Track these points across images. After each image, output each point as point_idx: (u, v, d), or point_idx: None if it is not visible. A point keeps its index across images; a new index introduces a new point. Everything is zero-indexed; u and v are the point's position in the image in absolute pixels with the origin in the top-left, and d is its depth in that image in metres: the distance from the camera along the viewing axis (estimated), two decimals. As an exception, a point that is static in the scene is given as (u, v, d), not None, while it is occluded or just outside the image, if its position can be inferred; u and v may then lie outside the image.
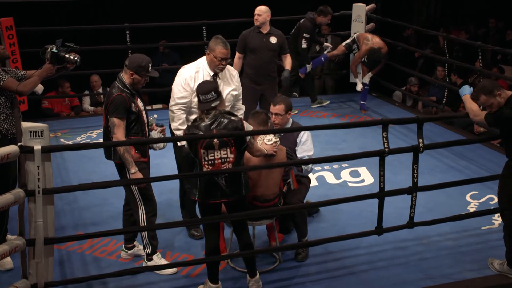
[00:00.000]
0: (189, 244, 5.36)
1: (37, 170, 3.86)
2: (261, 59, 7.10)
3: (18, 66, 7.73)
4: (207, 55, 5.19)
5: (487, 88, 4.56)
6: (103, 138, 4.85)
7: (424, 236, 5.41)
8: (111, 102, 4.63)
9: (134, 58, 4.77)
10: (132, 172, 4.64)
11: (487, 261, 5.01)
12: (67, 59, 4.97)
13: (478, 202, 6.12)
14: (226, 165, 4.37)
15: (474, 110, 4.84)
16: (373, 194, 4.87)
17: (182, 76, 5.17)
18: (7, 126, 4.86)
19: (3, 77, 4.78)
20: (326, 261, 5.11)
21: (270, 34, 7.14)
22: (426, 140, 4.90)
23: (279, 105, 5.14)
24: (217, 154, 4.35)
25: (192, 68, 5.20)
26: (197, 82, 5.05)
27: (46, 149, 3.89)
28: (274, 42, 7.14)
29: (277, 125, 5.14)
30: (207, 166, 4.36)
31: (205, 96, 4.39)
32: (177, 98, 5.14)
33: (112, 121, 4.62)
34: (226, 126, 4.36)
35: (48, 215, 3.99)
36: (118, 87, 4.71)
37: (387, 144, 4.69)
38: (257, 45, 7.10)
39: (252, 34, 7.15)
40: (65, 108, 9.25)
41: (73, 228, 5.61)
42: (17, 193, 3.84)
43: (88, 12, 10.16)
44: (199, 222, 5.11)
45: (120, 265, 5.03)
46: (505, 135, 4.73)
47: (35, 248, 3.97)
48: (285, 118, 5.18)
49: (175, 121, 5.17)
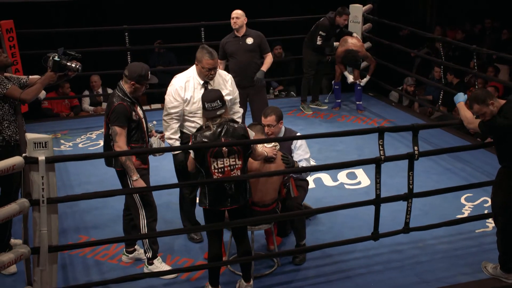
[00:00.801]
0: (188, 247, 5.46)
1: (42, 180, 3.95)
2: (240, 62, 7.19)
3: (19, 68, 7.82)
4: (196, 66, 5.28)
5: (479, 98, 4.66)
6: (104, 146, 4.94)
7: (419, 240, 5.51)
8: (112, 111, 4.72)
9: (133, 68, 4.86)
10: (134, 179, 4.74)
11: (480, 265, 5.12)
12: (68, 67, 5.06)
13: (473, 204, 6.22)
14: (235, 172, 4.48)
15: (468, 118, 4.94)
16: (370, 200, 4.97)
17: (173, 87, 5.28)
18: (10, 132, 4.95)
19: (7, 85, 4.86)
20: (324, 264, 5.21)
21: (246, 35, 7.22)
22: (422, 141, 4.98)
23: (270, 116, 5.26)
24: (226, 161, 4.45)
25: (182, 78, 5.31)
26: (188, 92, 5.22)
27: (50, 160, 3.98)
28: (251, 43, 7.21)
29: (270, 135, 5.27)
30: (217, 174, 4.46)
31: (210, 104, 4.48)
32: (168, 108, 5.27)
33: (114, 130, 4.71)
34: (233, 133, 4.47)
35: (52, 224, 4.09)
36: (118, 95, 4.80)
37: (383, 152, 4.79)
38: (234, 49, 7.20)
39: (229, 39, 7.27)
40: (64, 108, 9.33)
41: (75, 231, 5.71)
42: (22, 203, 3.93)
43: (85, 12, 10.21)
44: (201, 229, 5.18)
45: (121, 269, 5.14)
46: (497, 143, 4.83)
47: (39, 256, 4.06)
48: (277, 127, 5.30)
49: (168, 130, 5.30)
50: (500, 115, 4.67)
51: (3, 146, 4.91)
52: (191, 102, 5.26)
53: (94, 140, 7.98)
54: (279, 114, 5.31)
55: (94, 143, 7.87)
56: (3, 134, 4.92)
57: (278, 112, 5.33)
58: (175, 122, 5.29)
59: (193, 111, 5.27)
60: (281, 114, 5.33)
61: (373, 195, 4.99)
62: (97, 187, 6.51)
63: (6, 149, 4.91)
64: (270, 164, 4.95)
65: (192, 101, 5.25)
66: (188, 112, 5.28)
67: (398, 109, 9.36)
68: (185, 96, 5.23)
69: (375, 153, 4.96)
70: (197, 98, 5.22)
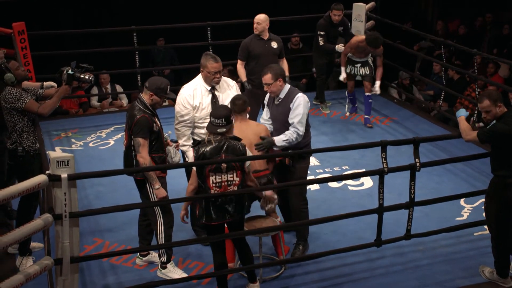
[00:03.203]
0: (200, 251, 5.69)
1: (64, 196, 4.19)
2: (264, 64, 7.34)
3: (30, 69, 8.00)
4: (202, 72, 5.55)
5: (493, 96, 4.87)
6: (125, 157, 5.17)
7: (420, 242, 5.73)
8: (135, 123, 4.95)
9: (154, 80, 5.10)
10: (156, 188, 4.99)
11: (478, 269, 5.37)
12: (82, 79, 5.30)
13: (472, 206, 6.45)
14: (232, 187, 4.70)
15: (466, 130, 5.12)
16: (373, 210, 5.22)
17: (182, 96, 5.54)
18: (29, 143, 5.23)
19: (25, 99, 5.12)
20: (328, 268, 5.45)
21: (271, 39, 7.47)
22: None
23: (266, 74, 5.36)
24: (224, 177, 4.67)
25: (190, 87, 5.58)
26: (196, 99, 5.47)
27: (72, 177, 4.22)
28: (276, 47, 7.47)
29: (271, 93, 5.40)
30: (214, 188, 4.68)
31: (215, 120, 4.69)
32: (179, 116, 5.52)
33: (138, 141, 4.95)
34: (234, 151, 4.67)
35: (74, 236, 4.34)
36: (140, 108, 5.02)
37: (386, 164, 5.02)
38: (260, 51, 7.41)
39: (254, 41, 7.46)
40: (73, 105, 9.54)
41: (90, 234, 5.95)
42: (46, 218, 4.17)
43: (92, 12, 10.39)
44: (206, 240, 5.34)
45: (136, 272, 5.40)
46: (494, 151, 5.02)
47: (62, 267, 4.32)
48: (276, 86, 5.36)
49: (181, 138, 5.56)
50: (500, 121, 4.88)
51: (23, 156, 5.22)
52: (200, 108, 5.50)
53: (104, 139, 8.20)
54: (276, 72, 5.33)
55: (104, 142, 8.09)
56: (23, 144, 5.21)
57: (275, 69, 5.36)
58: (187, 129, 5.53)
59: (203, 116, 5.50)
60: (279, 72, 5.34)
61: (375, 197, 5.25)
62: (109, 189, 6.77)
63: (25, 159, 5.25)
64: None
65: (201, 107, 5.50)
66: (198, 118, 5.52)
67: (400, 106, 9.53)
68: (194, 103, 5.48)
69: (377, 152, 5.19)
70: (205, 104, 5.49)
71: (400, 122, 8.79)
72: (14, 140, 5.23)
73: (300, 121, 5.32)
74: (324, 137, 8.14)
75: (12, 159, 5.34)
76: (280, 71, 5.40)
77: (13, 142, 5.24)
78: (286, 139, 5.28)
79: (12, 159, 5.36)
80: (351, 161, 7.46)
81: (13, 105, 5.14)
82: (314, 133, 6.58)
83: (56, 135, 8.32)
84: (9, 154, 5.38)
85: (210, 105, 5.50)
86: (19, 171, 5.34)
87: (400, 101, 9.90)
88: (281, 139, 5.28)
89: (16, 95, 5.13)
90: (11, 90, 5.16)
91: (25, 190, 4.00)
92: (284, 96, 5.41)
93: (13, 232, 3.98)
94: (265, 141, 5.23)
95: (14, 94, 5.14)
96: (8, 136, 5.36)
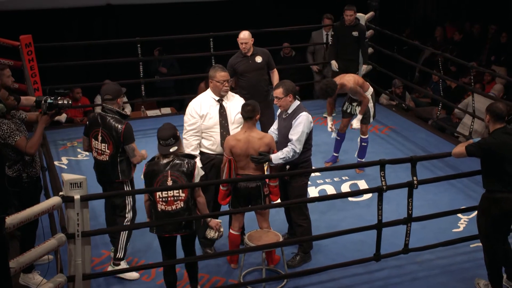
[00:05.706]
0: (206, 262, 5.84)
1: (77, 217, 4.38)
2: (250, 80, 7.48)
3: (37, 80, 8.19)
4: (210, 83, 5.82)
5: (500, 112, 5.03)
6: (109, 166, 5.43)
7: (417, 254, 5.88)
8: (124, 132, 5.34)
9: (109, 89, 5.52)
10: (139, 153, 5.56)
11: (474, 281, 5.56)
12: (60, 105, 5.31)
13: (468, 218, 6.62)
14: (178, 202, 4.89)
15: (457, 146, 5.30)
16: (372, 226, 5.41)
17: (190, 106, 5.83)
18: (32, 168, 5.32)
19: (15, 137, 5.10)
20: (328, 280, 5.63)
21: (255, 54, 7.46)
22: (420, 150, 5.16)
23: (278, 89, 5.62)
24: (170, 192, 4.88)
25: (198, 99, 5.89)
26: (204, 108, 5.75)
27: (84, 198, 4.41)
28: (260, 61, 7.48)
29: (280, 107, 5.67)
30: (161, 202, 4.89)
31: (164, 141, 4.90)
32: (187, 126, 5.78)
33: (132, 147, 5.42)
34: (179, 168, 4.88)
35: (86, 254, 4.53)
36: (116, 118, 5.41)
37: (384, 182, 5.22)
38: (244, 69, 7.44)
39: (238, 59, 7.47)
40: (78, 113, 9.71)
41: (98, 246, 6.11)
42: (60, 238, 4.37)
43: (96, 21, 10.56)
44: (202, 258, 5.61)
45: (143, 284, 5.57)
46: (484, 166, 5.16)
47: (74, 284, 4.52)
48: (285, 101, 5.59)
49: (188, 147, 5.76)
50: (490, 136, 5.08)
51: (28, 182, 5.29)
52: (207, 117, 5.75)
53: (109, 148, 8.37)
54: (287, 88, 5.56)
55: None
56: (27, 171, 5.28)
57: (288, 85, 5.60)
58: (195, 138, 5.78)
59: (210, 126, 5.75)
60: (290, 87, 5.57)
61: (375, 207, 5.45)
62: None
63: (30, 184, 5.34)
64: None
65: (209, 117, 5.75)
66: (205, 127, 5.76)
67: (398, 114, 9.71)
68: (201, 112, 5.74)
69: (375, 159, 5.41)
70: (213, 113, 5.76)
71: (398, 132, 8.98)
72: (17, 169, 5.22)
73: (299, 139, 5.50)
74: (325, 147, 8.28)
75: (17, 186, 5.26)
76: (292, 88, 5.62)
77: (16, 170, 5.23)
78: (283, 157, 5.47)
79: (16, 186, 5.26)
80: (351, 172, 7.64)
81: (4, 142, 5.09)
82: (316, 142, 6.64)
83: (62, 144, 8.50)
84: (11, 181, 5.25)
85: (218, 115, 5.75)
86: (24, 197, 5.27)
87: (399, 109, 10.05)
88: (278, 156, 5.47)
89: (7, 131, 5.09)
90: (1, 126, 5.10)
91: (40, 212, 4.19)
92: (290, 112, 5.63)
93: (28, 252, 4.17)
94: (261, 157, 5.43)
95: (5, 130, 5.09)
96: (9, 165, 5.23)
